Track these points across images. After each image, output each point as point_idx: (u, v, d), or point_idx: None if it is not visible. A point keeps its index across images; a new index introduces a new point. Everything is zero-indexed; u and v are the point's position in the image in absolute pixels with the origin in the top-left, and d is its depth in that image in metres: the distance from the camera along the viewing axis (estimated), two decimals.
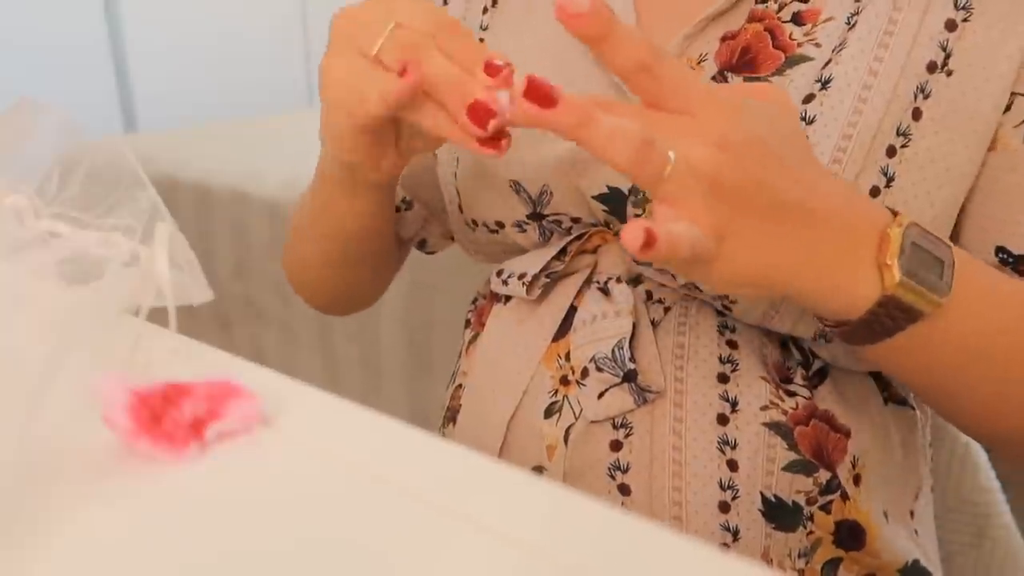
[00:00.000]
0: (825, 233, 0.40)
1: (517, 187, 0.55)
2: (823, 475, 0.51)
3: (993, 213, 0.50)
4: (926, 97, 0.48)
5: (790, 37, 0.50)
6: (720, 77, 0.51)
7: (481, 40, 0.62)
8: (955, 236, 0.52)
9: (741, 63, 0.51)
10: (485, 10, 0.62)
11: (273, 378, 0.39)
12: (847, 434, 0.52)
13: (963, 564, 0.79)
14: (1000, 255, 0.50)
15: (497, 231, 0.58)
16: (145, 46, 2.53)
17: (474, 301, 0.66)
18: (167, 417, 0.33)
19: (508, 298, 0.59)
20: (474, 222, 0.59)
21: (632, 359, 0.51)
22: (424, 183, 0.67)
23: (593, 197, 0.53)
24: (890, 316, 0.42)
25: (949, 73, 0.48)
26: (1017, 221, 0.49)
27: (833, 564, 0.52)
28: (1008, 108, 0.49)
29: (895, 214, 0.43)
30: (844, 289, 0.41)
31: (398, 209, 0.68)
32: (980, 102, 0.48)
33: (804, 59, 0.50)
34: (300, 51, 2.87)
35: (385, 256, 0.67)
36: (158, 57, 2.54)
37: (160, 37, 2.54)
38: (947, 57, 0.48)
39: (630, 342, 0.52)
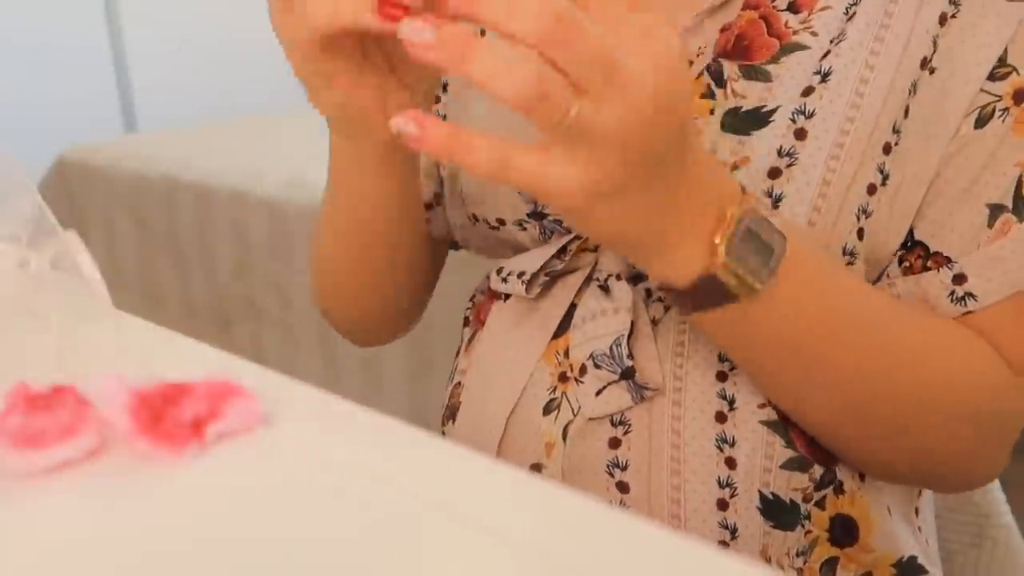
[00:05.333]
0: (680, 206, 0.40)
1: None
2: (817, 470, 0.51)
3: (921, 192, 0.50)
4: (913, 94, 0.49)
5: (785, 25, 0.51)
6: (715, 63, 0.51)
7: None
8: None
9: (736, 50, 0.51)
10: None
11: (273, 378, 0.39)
12: None
13: (963, 564, 0.79)
14: (905, 237, 0.50)
15: (498, 228, 0.58)
16: (145, 46, 2.53)
17: (472, 298, 0.65)
18: (167, 417, 0.33)
19: (508, 296, 0.59)
20: (475, 217, 0.59)
21: (630, 356, 0.51)
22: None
23: None
24: (708, 292, 0.42)
25: (932, 71, 0.48)
26: (934, 205, 0.49)
27: (830, 563, 0.52)
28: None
29: (744, 190, 0.42)
30: (678, 259, 0.41)
31: (429, 206, 0.65)
32: (949, 110, 0.48)
33: (800, 47, 0.50)
34: None
35: (411, 255, 0.63)
36: (158, 57, 2.54)
37: (160, 37, 2.54)
38: (933, 53, 0.48)
39: (630, 340, 0.52)
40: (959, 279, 0.49)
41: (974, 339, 0.49)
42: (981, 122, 0.48)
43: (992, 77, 0.48)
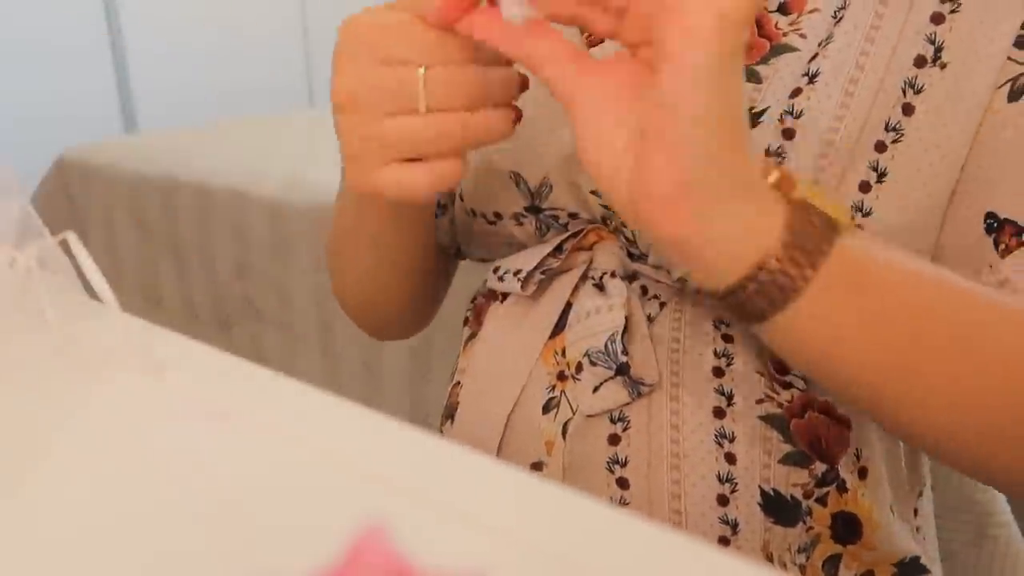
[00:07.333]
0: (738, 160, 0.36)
1: (517, 179, 0.56)
2: (818, 467, 0.51)
3: (982, 177, 0.49)
4: (917, 92, 0.49)
5: (776, 26, 0.51)
6: None
7: None
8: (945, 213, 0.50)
9: None
10: None
11: (273, 378, 0.39)
12: (848, 425, 0.52)
13: (963, 563, 0.79)
14: (988, 221, 0.49)
15: (495, 223, 0.58)
16: (145, 46, 2.53)
17: (473, 300, 0.66)
18: None
19: (505, 296, 0.59)
20: (473, 211, 0.60)
21: (625, 352, 0.51)
22: None
23: (592, 192, 0.53)
24: (804, 241, 0.37)
25: (943, 66, 0.49)
26: (1005, 181, 0.49)
27: (833, 561, 0.52)
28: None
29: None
30: (754, 216, 0.37)
31: (435, 215, 0.66)
32: (976, 85, 0.49)
33: (789, 49, 0.51)
34: (300, 51, 2.87)
35: (426, 268, 0.66)
36: (158, 57, 2.55)
37: (160, 37, 2.54)
38: (938, 51, 0.49)
39: (625, 337, 0.52)
40: None
41: None
42: (1015, 95, 0.48)
43: (1019, 44, 0.48)
